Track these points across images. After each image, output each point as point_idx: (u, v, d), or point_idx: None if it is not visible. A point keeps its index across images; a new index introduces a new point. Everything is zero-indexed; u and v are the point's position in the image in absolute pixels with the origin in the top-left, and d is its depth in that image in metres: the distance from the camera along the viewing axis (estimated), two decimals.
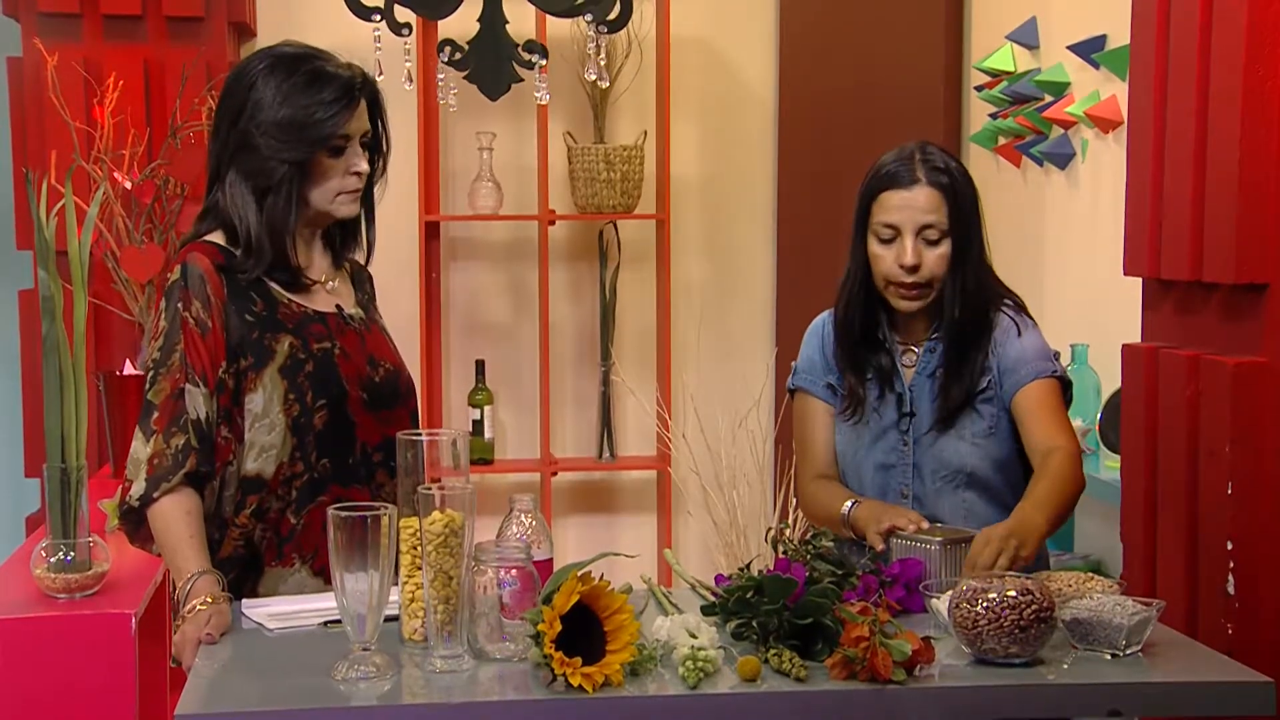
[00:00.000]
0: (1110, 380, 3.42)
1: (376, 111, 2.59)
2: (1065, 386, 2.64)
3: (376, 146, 2.61)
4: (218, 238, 2.52)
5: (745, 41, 5.01)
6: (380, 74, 3.56)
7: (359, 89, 2.52)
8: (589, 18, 3.72)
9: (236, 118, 2.49)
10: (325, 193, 2.52)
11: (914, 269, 2.59)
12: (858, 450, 2.70)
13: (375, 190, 2.64)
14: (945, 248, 2.59)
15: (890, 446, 2.67)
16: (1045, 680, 2.05)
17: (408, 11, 3.69)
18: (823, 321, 2.79)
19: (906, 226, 2.58)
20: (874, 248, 2.63)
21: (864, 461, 2.69)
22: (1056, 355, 2.66)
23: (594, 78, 3.93)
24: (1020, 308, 2.69)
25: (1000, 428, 2.62)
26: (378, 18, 3.62)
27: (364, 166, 2.53)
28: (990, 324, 2.64)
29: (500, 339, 4.99)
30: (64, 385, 2.77)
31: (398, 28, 3.64)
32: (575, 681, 1.94)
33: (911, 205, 2.58)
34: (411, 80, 3.58)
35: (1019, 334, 2.63)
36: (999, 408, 2.62)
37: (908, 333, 2.69)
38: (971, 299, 2.61)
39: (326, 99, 2.47)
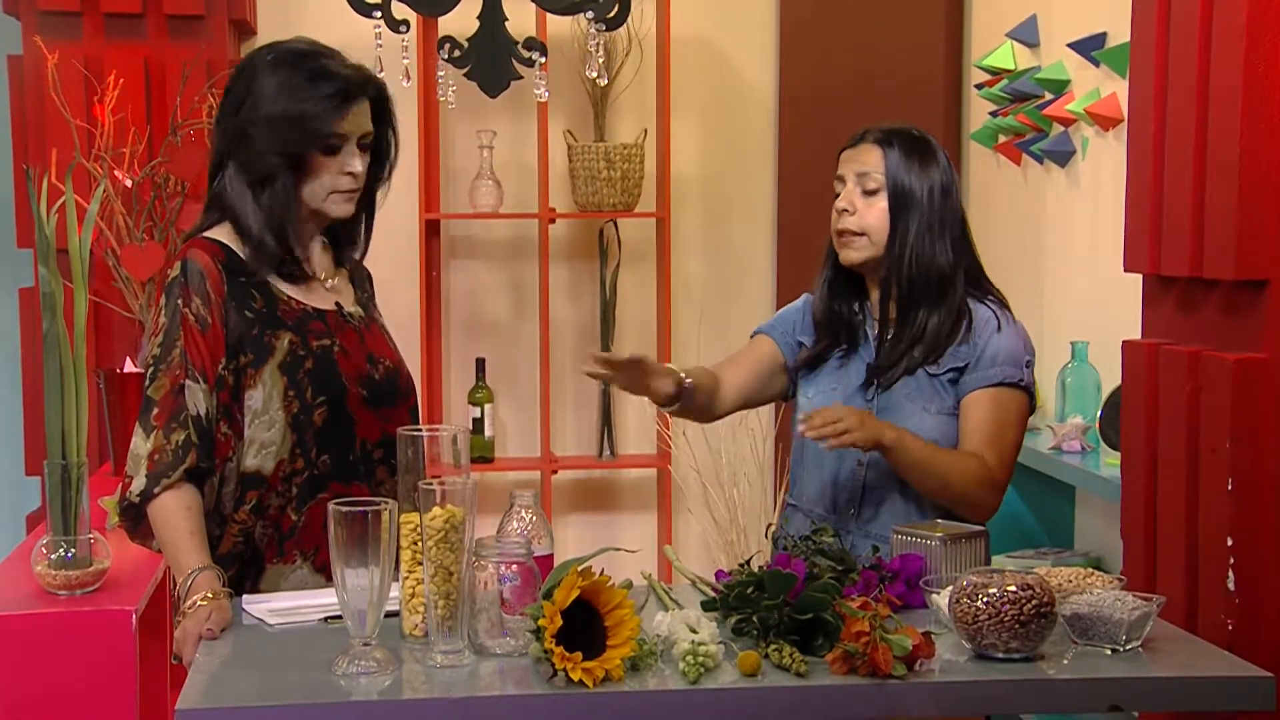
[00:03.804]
0: (1110, 377, 3.42)
1: (383, 115, 2.58)
2: (1029, 396, 2.71)
3: (382, 150, 2.60)
4: (221, 233, 2.53)
5: (745, 40, 5.01)
6: (381, 71, 3.56)
7: (360, 90, 2.51)
8: (591, 15, 3.72)
9: (237, 109, 2.50)
10: (318, 191, 2.51)
11: (846, 212, 2.70)
12: None
13: (378, 193, 2.63)
14: (881, 201, 2.68)
15: None
16: (1045, 675, 2.05)
17: (405, 9, 3.68)
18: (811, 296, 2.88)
19: (848, 176, 2.72)
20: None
21: None
22: (1029, 364, 2.71)
23: (595, 75, 3.93)
24: (1002, 304, 2.75)
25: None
26: (379, 14, 3.62)
27: (358, 168, 2.51)
28: (958, 308, 2.69)
29: (500, 337, 4.99)
30: (64, 382, 2.77)
31: (395, 25, 3.64)
32: (576, 676, 1.95)
33: (854, 158, 2.73)
34: (409, 78, 3.58)
35: (998, 328, 2.69)
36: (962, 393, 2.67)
37: (884, 310, 2.73)
38: (910, 265, 2.66)
39: (323, 96, 2.47)
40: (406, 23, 3.65)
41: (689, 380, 2.75)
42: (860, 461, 2.69)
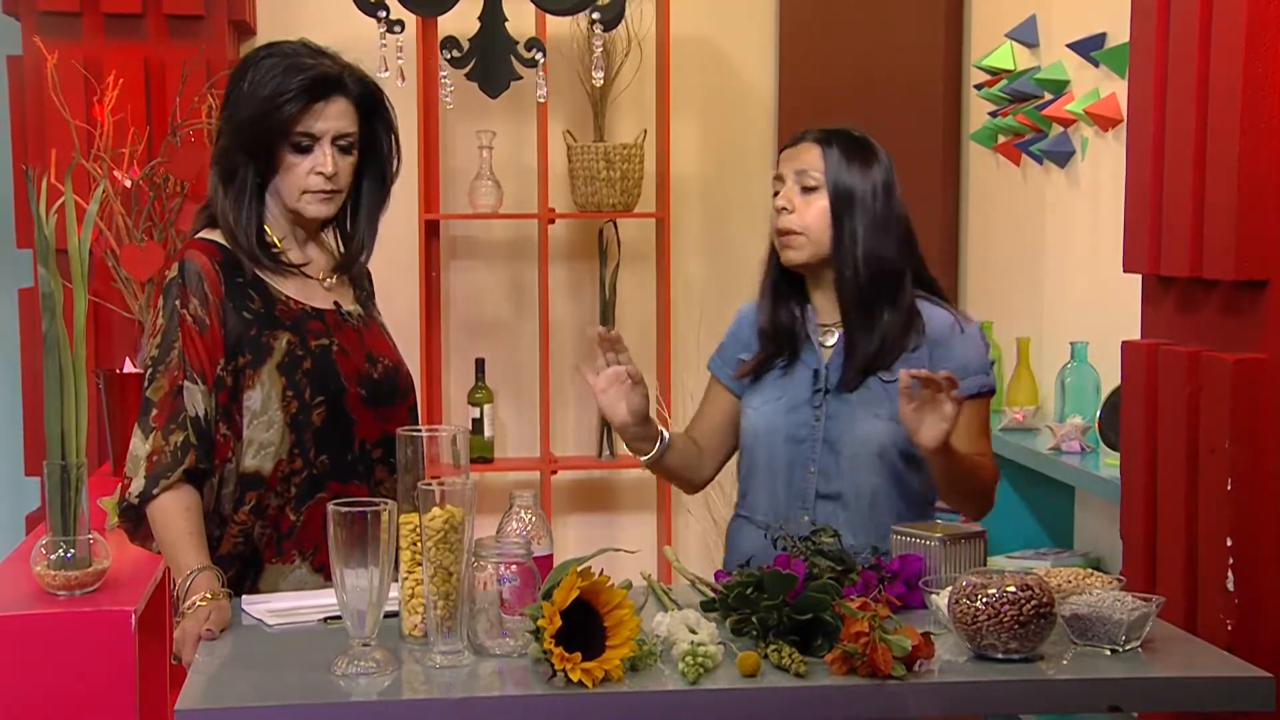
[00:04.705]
0: (1110, 377, 3.42)
1: (372, 115, 2.55)
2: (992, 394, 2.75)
3: (377, 151, 2.59)
4: (218, 234, 2.53)
5: (745, 40, 5.01)
6: (385, 70, 3.56)
7: (333, 87, 2.47)
8: (596, 15, 3.72)
9: (224, 107, 2.50)
10: (291, 190, 2.50)
11: (785, 210, 2.69)
12: (772, 421, 2.72)
13: (375, 195, 2.61)
14: (821, 200, 2.67)
15: (802, 421, 2.70)
16: (1045, 676, 2.05)
17: (400, 9, 3.69)
18: (753, 304, 2.86)
19: (787, 175, 2.72)
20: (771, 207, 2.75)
21: (776, 433, 2.71)
22: (992, 363, 2.74)
23: (600, 76, 3.94)
24: (949, 301, 2.76)
25: None
26: (384, 14, 3.63)
27: (330, 167, 2.48)
28: (907, 306, 2.68)
29: (500, 337, 4.99)
30: (64, 383, 2.77)
31: (390, 25, 3.64)
32: (575, 677, 1.95)
33: (793, 157, 2.72)
34: (404, 78, 3.58)
35: (960, 331, 2.70)
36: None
37: (828, 314, 2.73)
38: (862, 263, 2.65)
39: (289, 92, 2.44)
40: (401, 23, 3.66)
41: (665, 432, 2.73)
42: (812, 470, 2.68)
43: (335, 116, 2.48)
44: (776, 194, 2.72)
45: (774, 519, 2.68)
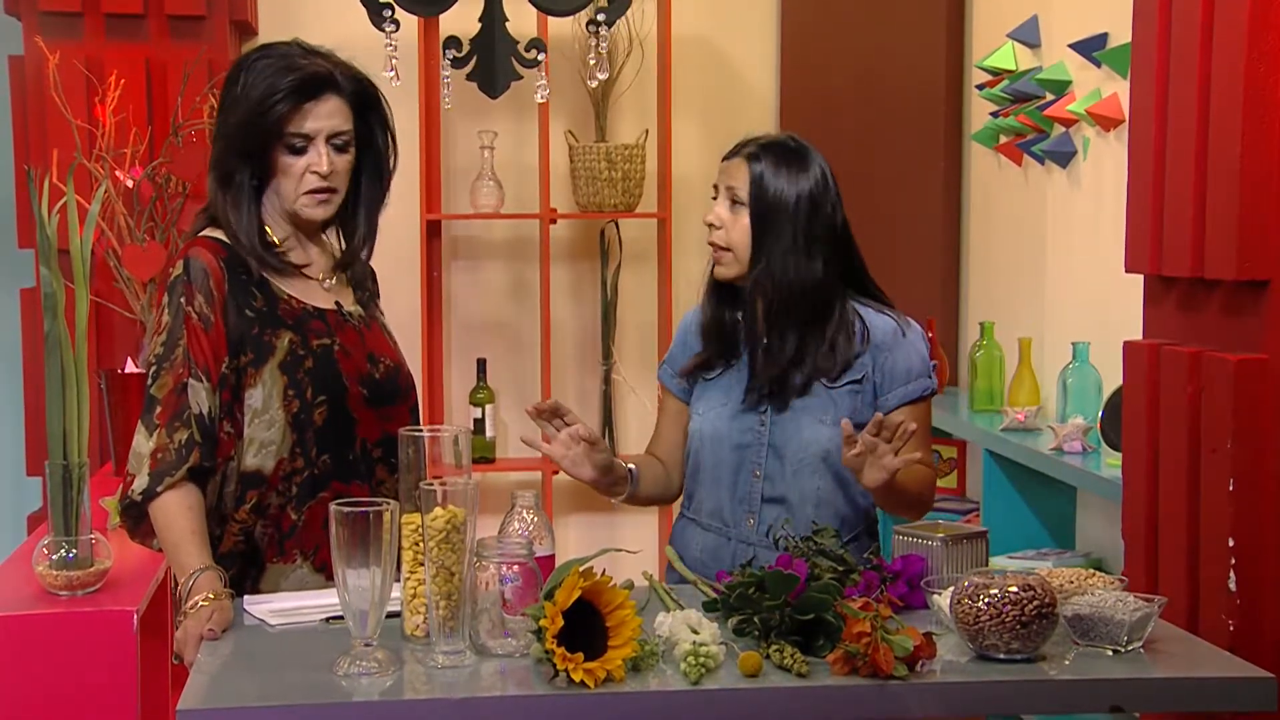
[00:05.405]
0: (1112, 377, 3.42)
1: (367, 113, 2.55)
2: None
3: (375, 149, 2.59)
4: (222, 233, 2.53)
5: (746, 40, 5.02)
6: (391, 71, 3.56)
7: (325, 86, 2.47)
8: (602, 17, 3.72)
9: (219, 112, 2.51)
10: (288, 192, 2.50)
11: (713, 226, 2.73)
12: (717, 427, 2.73)
13: (374, 193, 2.61)
14: (744, 218, 2.68)
15: (747, 426, 2.70)
16: (1047, 676, 2.05)
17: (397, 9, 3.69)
18: (695, 310, 2.87)
19: (721, 189, 2.74)
20: None
21: (722, 440, 2.72)
22: (934, 366, 2.77)
23: (604, 77, 3.93)
24: (893, 305, 2.77)
25: (863, 418, 2.59)
26: (390, 13, 3.63)
27: (325, 166, 2.47)
28: (844, 322, 2.68)
29: (502, 338, 4.99)
30: (66, 383, 2.77)
31: (380, 23, 3.65)
32: (577, 677, 1.95)
33: (726, 171, 2.74)
34: (399, 78, 3.59)
35: (903, 335, 2.71)
36: (866, 403, 2.67)
37: (753, 325, 2.73)
38: (775, 283, 2.65)
39: (280, 93, 2.43)
40: (397, 22, 3.66)
41: (632, 467, 2.75)
42: (757, 474, 2.69)
43: (327, 115, 2.48)
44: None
45: (719, 523, 2.71)
